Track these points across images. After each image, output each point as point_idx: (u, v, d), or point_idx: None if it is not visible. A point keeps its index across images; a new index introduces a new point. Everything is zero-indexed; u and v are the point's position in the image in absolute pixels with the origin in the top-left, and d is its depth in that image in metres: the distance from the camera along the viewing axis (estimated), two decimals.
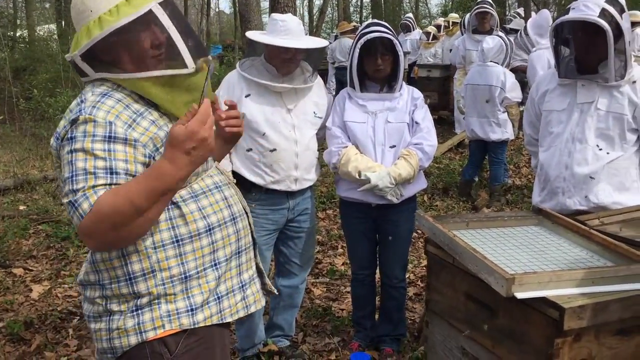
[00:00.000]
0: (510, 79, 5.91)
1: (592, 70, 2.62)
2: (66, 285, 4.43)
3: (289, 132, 3.02)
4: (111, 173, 1.54)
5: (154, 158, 1.62)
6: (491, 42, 6.02)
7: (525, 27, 7.02)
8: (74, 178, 1.54)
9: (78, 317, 3.90)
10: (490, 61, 5.94)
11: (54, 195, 6.65)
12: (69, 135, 1.58)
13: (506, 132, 6.04)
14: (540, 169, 2.80)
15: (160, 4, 1.66)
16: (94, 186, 1.52)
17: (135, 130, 1.61)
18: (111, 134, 1.57)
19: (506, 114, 5.99)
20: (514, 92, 5.91)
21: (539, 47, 6.19)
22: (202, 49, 1.78)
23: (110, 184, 1.53)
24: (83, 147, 1.55)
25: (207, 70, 1.71)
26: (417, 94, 3.18)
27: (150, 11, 1.64)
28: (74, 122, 1.58)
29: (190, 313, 1.70)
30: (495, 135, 5.99)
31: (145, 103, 1.68)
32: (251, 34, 3.09)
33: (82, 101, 1.64)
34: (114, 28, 1.61)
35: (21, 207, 6.27)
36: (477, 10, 7.67)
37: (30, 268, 4.76)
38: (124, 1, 1.64)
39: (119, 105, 1.62)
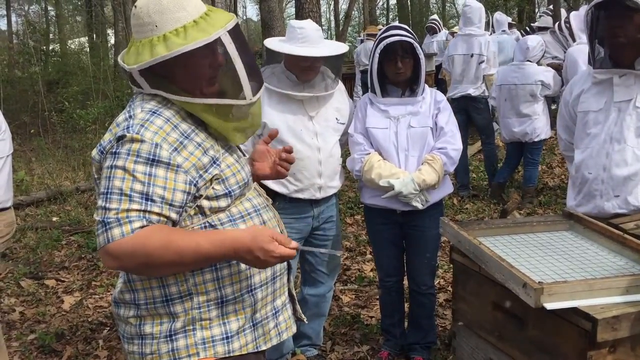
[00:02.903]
0: (549, 73, 5.87)
1: (628, 66, 2.50)
2: (97, 296, 4.47)
3: (312, 140, 2.98)
4: (147, 199, 1.52)
5: (196, 185, 1.61)
6: (534, 40, 5.95)
7: (559, 24, 6.85)
8: (108, 196, 1.52)
9: (108, 328, 3.93)
10: (527, 60, 5.85)
11: (86, 206, 6.76)
12: (113, 150, 1.57)
13: (547, 129, 5.96)
14: (576, 172, 2.67)
15: (229, 32, 1.65)
16: (127, 210, 1.50)
17: (181, 155, 1.59)
18: (155, 157, 1.55)
19: (546, 110, 5.92)
20: (557, 86, 5.84)
21: (580, 41, 6.04)
22: (260, 79, 1.78)
23: (144, 211, 1.51)
24: (124, 165, 1.54)
25: (260, 101, 1.75)
26: (440, 96, 3.12)
27: (219, 39, 1.63)
28: (120, 139, 1.57)
29: (225, 341, 1.68)
30: (536, 133, 5.92)
31: (194, 122, 1.67)
32: (269, 42, 3.07)
33: (130, 117, 1.62)
34: (181, 52, 1.59)
35: (54, 219, 6.38)
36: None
37: (62, 279, 4.83)
38: (192, 23, 1.62)
39: (167, 125, 1.61)
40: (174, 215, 1.57)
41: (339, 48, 3.02)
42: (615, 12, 2.43)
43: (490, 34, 8.47)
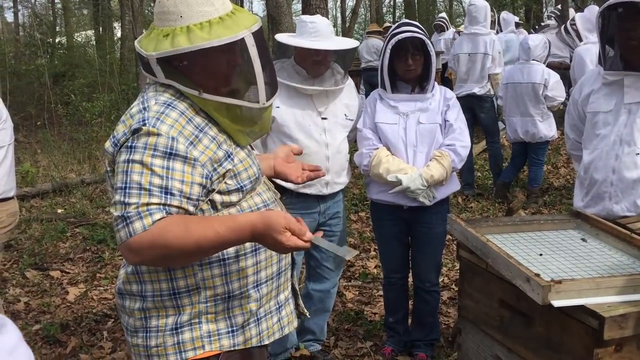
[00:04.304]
0: (554, 77, 5.81)
1: (639, 69, 2.48)
2: (101, 288, 4.49)
3: (320, 136, 2.99)
4: (166, 193, 1.51)
5: (210, 178, 1.60)
6: (536, 39, 5.92)
7: (565, 25, 6.84)
8: (127, 190, 1.50)
9: (113, 320, 3.94)
10: (533, 60, 5.83)
11: (90, 199, 6.78)
12: (129, 144, 1.55)
13: (551, 131, 5.93)
14: (585, 173, 2.65)
15: (253, 33, 1.64)
16: (148, 204, 1.49)
17: (196, 148, 1.58)
18: (172, 151, 1.54)
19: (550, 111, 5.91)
20: (557, 91, 5.80)
21: (587, 41, 6.03)
22: (275, 84, 1.78)
23: (164, 204, 1.50)
24: (142, 159, 1.52)
25: (272, 106, 1.76)
26: (450, 94, 3.12)
27: (242, 40, 1.63)
28: (136, 132, 1.55)
29: (231, 334, 1.69)
30: (540, 134, 5.89)
31: (206, 115, 1.66)
32: (280, 37, 3.07)
33: (144, 109, 1.60)
34: (203, 47, 1.58)
35: (59, 211, 6.40)
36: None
37: (67, 271, 4.84)
38: (217, 19, 1.61)
39: (182, 118, 1.60)
40: (191, 209, 1.57)
41: (350, 43, 3.03)
42: (629, 15, 2.41)
43: (497, 32, 8.46)
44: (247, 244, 1.67)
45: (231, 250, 1.65)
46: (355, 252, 1.76)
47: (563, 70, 7.13)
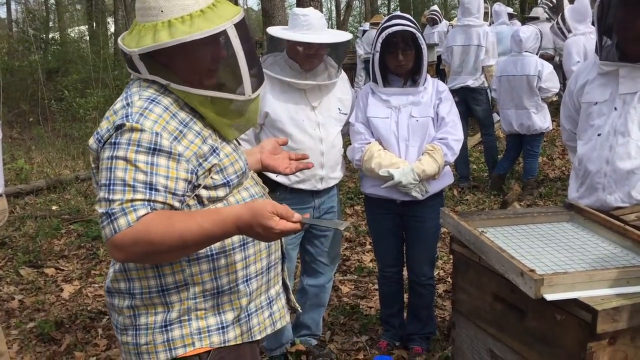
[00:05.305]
0: (547, 69, 5.80)
1: (636, 59, 2.46)
2: (96, 285, 4.48)
3: (314, 131, 2.97)
4: (150, 189, 1.50)
5: (196, 173, 1.59)
6: (527, 31, 5.90)
7: (562, 15, 6.82)
8: (111, 187, 1.49)
9: (107, 317, 3.93)
10: (525, 51, 5.81)
11: (85, 195, 6.75)
12: (113, 140, 1.53)
13: (546, 122, 5.92)
14: (579, 164, 2.63)
15: (235, 25, 1.63)
16: (132, 200, 1.47)
17: (181, 143, 1.57)
18: (156, 146, 1.52)
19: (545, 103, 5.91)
20: (551, 82, 5.79)
21: (576, 32, 6.02)
22: (261, 76, 1.76)
23: (149, 200, 1.49)
24: (126, 156, 1.50)
25: (259, 98, 1.74)
26: (442, 87, 3.10)
27: (224, 31, 1.61)
28: (119, 128, 1.54)
29: (221, 331, 1.68)
30: (535, 126, 5.88)
31: (191, 110, 1.65)
32: (272, 30, 3.05)
33: (128, 104, 1.59)
34: (185, 40, 1.56)
35: (53, 207, 6.38)
36: None
37: (62, 268, 4.83)
38: (198, 12, 1.60)
39: (166, 114, 1.58)
40: (177, 204, 1.56)
41: (343, 36, 3.00)
42: (628, 6, 2.39)
43: (490, 24, 8.44)
44: (235, 238, 1.66)
45: (218, 245, 1.64)
46: (346, 222, 1.75)
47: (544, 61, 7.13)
